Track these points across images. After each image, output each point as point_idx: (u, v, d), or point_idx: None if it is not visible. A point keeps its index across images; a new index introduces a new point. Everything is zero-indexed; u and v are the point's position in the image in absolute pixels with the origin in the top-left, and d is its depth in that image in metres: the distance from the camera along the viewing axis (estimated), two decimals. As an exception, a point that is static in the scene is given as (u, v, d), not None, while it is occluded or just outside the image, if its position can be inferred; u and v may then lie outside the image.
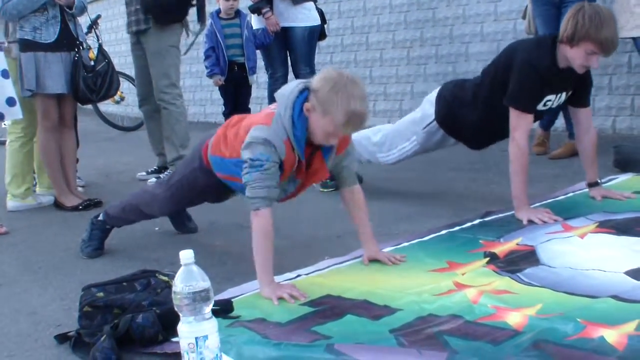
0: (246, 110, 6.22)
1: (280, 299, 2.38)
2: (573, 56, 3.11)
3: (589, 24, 3.02)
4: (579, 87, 3.30)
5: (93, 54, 4.45)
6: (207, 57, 5.82)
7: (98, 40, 4.62)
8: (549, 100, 3.27)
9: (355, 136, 3.72)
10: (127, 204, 3.19)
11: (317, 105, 2.41)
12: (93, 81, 4.24)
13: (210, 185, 2.85)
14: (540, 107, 3.28)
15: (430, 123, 3.67)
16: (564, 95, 3.31)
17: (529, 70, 3.17)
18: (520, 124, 3.22)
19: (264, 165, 2.43)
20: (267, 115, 2.54)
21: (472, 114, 3.48)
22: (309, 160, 2.59)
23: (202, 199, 3.09)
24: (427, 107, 3.71)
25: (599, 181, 3.48)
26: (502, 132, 3.41)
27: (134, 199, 3.19)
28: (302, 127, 2.45)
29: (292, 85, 2.52)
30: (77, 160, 4.67)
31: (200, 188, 2.92)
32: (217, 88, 5.96)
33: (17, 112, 4.07)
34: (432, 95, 3.72)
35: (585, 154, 3.46)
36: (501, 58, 3.37)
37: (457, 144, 3.78)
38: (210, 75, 5.81)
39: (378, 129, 4.04)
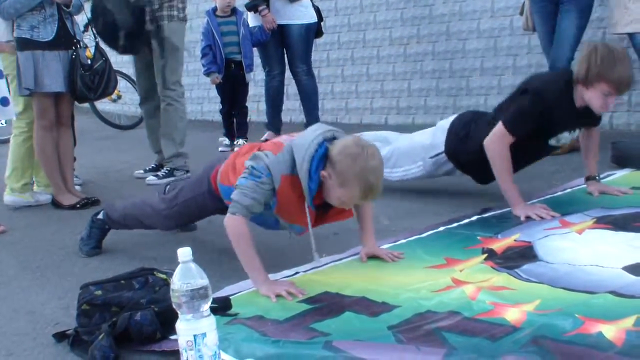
0: (243, 108, 6.22)
1: (279, 296, 2.38)
2: (590, 98, 3.11)
3: (601, 64, 3.02)
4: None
5: (90, 52, 4.44)
6: (203, 55, 5.82)
7: (95, 38, 4.61)
8: (563, 137, 3.29)
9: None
10: (129, 214, 3.17)
11: (334, 176, 2.41)
12: (91, 79, 4.24)
13: (216, 208, 2.86)
14: (552, 142, 3.32)
15: (439, 154, 3.61)
16: (577, 131, 3.37)
17: (536, 98, 3.15)
18: (502, 140, 3.20)
19: (261, 178, 2.45)
20: (275, 144, 2.57)
21: (482, 152, 3.31)
22: (327, 207, 2.58)
23: (205, 216, 3.10)
24: (439, 135, 3.63)
25: (597, 177, 3.48)
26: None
27: (136, 210, 3.16)
28: (316, 181, 2.45)
29: (311, 136, 2.49)
30: (74, 159, 4.67)
31: (207, 210, 2.94)
32: (214, 86, 5.96)
33: (10, 112, 4.09)
34: (446, 123, 3.65)
35: (586, 149, 3.47)
36: (515, 91, 3.35)
37: (463, 175, 3.73)
38: (207, 73, 5.81)
39: (385, 138, 3.97)
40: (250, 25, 5.71)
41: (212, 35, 5.79)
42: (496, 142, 3.21)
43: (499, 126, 3.21)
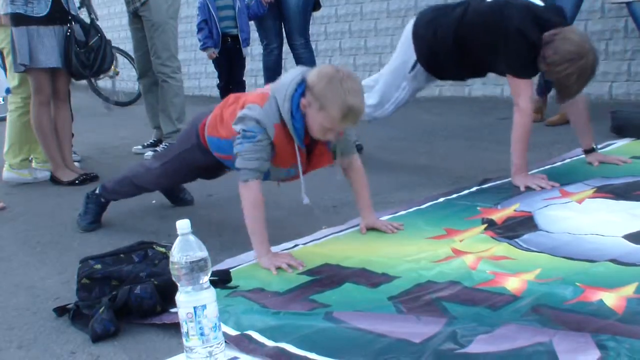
0: (241, 82, 6.18)
1: (279, 268, 2.38)
2: (547, 73, 3.17)
3: (576, 82, 3.06)
4: None
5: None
6: (199, 30, 5.76)
7: (90, 14, 4.56)
8: None
9: None
10: (123, 177, 3.17)
11: (313, 101, 2.38)
12: (86, 56, 4.19)
13: (206, 162, 2.82)
14: None
15: (415, 66, 3.60)
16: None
17: (521, 39, 3.12)
18: (522, 89, 3.18)
19: (256, 137, 2.42)
20: (261, 95, 2.52)
21: (454, 53, 3.40)
22: (311, 147, 2.57)
23: (196, 174, 3.07)
24: (406, 47, 3.62)
25: (595, 147, 3.46)
26: (485, 65, 3.45)
27: (129, 172, 3.17)
28: (300, 119, 2.44)
29: (291, 75, 2.48)
30: (72, 135, 4.64)
31: (196, 164, 2.89)
32: (212, 61, 5.91)
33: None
34: (408, 33, 3.62)
35: (576, 122, 3.44)
36: (487, 14, 3.27)
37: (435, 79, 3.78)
38: (204, 48, 5.76)
39: (371, 88, 3.92)
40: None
41: (208, 10, 5.73)
42: (526, 97, 3.17)
43: (517, 82, 3.18)
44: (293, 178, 2.64)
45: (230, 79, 6.11)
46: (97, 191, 3.23)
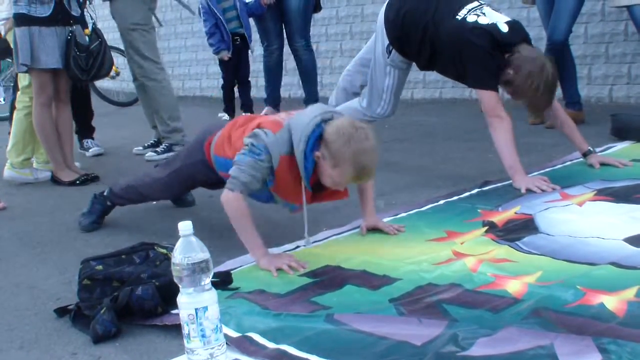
0: (247, 83, 6.23)
1: (279, 270, 2.37)
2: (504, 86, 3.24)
3: (537, 92, 3.11)
4: None
5: (88, 30, 4.39)
6: (211, 34, 5.80)
7: (91, 18, 4.55)
8: None
9: (345, 109, 3.69)
10: (129, 185, 3.17)
11: (328, 156, 2.39)
12: (85, 61, 4.18)
13: (209, 177, 2.83)
14: None
15: (390, 50, 3.62)
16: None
17: (483, 54, 3.18)
18: (494, 102, 3.24)
19: (261, 156, 2.42)
20: (275, 122, 2.53)
21: (419, 45, 3.47)
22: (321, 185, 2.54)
23: (200, 185, 3.08)
24: (379, 35, 3.65)
25: (592, 149, 3.46)
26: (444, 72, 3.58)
27: (136, 181, 3.16)
28: (312, 162, 2.44)
29: (310, 115, 2.47)
30: (94, 129, 4.66)
31: (200, 178, 2.92)
32: (213, 61, 5.94)
33: None
34: (380, 22, 3.65)
35: (563, 130, 3.48)
36: (453, 32, 3.28)
37: None
38: (217, 51, 5.80)
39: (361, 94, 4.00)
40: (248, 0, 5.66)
41: (214, 14, 5.76)
42: (497, 108, 3.22)
43: (483, 94, 3.25)
44: (298, 211, 2.65)
45: (236, 77, 6.16)
46: (105, 193, 3.22)
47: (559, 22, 4.51)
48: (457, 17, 3.29)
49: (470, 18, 3.25)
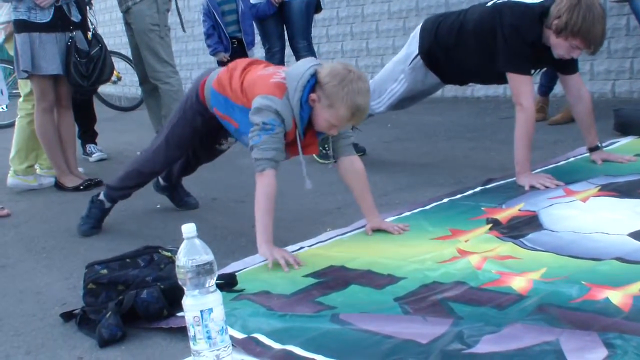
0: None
1: (277, 266, 2.41)
2: (556, 45, 3.11)
3: (582, 23, 2.99)
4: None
5: (89, 35, 4.40)
6: (208, 36, 5.79)
7: (91, 24, 4.56)
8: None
9: None
10: (128, 172, 3.18)
11: (323, 97, 2.49)
12: (86, 67, 4.18)
13: (204, 124, 2.88)
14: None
15: (415, 58, 3.65)
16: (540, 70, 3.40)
17: (517, 37, 3.15)
18: (522, 88, 3.20)
19: (274, 129, 2.50)
20: (277, 84, 2.56)
21: (452, 52, 3.48)
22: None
23: (200, 143, 3.10)
24: (413, 43, 3.69)
25: (600, 145, 3.46)
26: (475, 77, 3.63)
27: (132, 165, 3.19)
28: (307, 110, 2.54)
29: (303, 67, 2.55)
30: (97, 134, 4.67)
31: (195, 127, 2.92)
32: (215, 65, 5.93)
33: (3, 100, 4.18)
34: (416, 31, 3.71)
35: (581, 120, 3.44)
36: (486, 15, 3.32)
37: (440, 85, 3.82)
38: (215, 53, 5.79)
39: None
40: (253, 2, 5.65)
41: (214, 15, 5.75)
42: (528, 94, 3.19)
43: (511, 78, 3.21)
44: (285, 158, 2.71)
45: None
46: (100, 197, 3.23)
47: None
48: (487, 4, 3.36)
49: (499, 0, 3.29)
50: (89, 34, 4.32)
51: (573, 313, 1.84)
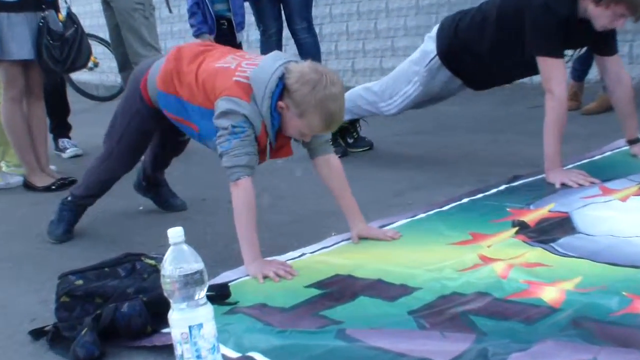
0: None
1: (266, 277, 2.41)
2: (597, 15, 3.10)
3: None
4: (602, 34, 3.24)
5: (62, 16, 4.39)
6: (192, 14, 5.76)
7: (65, 2, 4.55)
8: (565, 56, 3.25)
9: (354, 88, 3.73)
10: (88, 182, 3.19)
11: (292, 106, 2.49)
12: (59, 50, 4.17)
13: (157, 127, 2.91)
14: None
15: (432, 59, 3.67)
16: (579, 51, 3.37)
17: (547, 14, 3.15)
18: (553, 72, 3.19)
19: (245, 132, 2.49)
20: (241, 87, 2.53)
21: (476, 47, 3.49)
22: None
23: (161, 137, 3.12)
24: (428, 44, 3.71)
25: (640, 137, 3.46)
26: (505, 73, 3.56)
27: (90, 174, 3.18)
28: (277, 118, 2.54)
29: (270, 68, 2.52)
30: (70, 128, 4.66)
31: (152, 127, 2.95)
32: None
33: None
34: (433, 31, 3.73)
35: (620, 107, 3.44)
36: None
37: (461, 88, 3.81)
38: (198, 34, 5.77)
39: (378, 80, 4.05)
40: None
41: (196, -9, 5.74)
42: (560, 80, 3.19)
43: (541, 62, 3.20)
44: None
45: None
46: (69, 198, 3.23)
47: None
48: None
49: None
50: (62, 14, 4.32)
51: (613, 328, 1.83)
